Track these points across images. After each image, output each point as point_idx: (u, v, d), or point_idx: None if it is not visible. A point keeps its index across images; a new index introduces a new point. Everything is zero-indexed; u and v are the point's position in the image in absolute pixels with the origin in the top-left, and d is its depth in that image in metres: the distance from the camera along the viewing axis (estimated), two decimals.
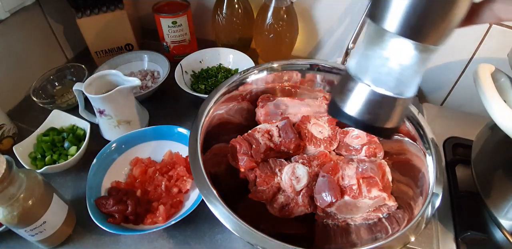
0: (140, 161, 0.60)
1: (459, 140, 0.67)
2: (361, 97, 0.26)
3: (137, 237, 0.54)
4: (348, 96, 0.27)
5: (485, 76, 0.48)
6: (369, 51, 0.25)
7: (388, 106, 0.26)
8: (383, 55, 0.24)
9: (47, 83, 0.75)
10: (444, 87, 0.82)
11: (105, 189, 0.57)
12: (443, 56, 0.76)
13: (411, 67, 0.25)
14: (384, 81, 0.25)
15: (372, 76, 0.26)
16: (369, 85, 0.26)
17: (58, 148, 0.62)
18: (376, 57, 0.25)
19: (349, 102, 0.27)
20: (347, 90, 0.27)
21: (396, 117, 0.27)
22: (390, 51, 0.24)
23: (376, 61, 0.25)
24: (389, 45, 0.24)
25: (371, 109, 0.26)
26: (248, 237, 0.39)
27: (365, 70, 0.26)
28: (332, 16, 0.78)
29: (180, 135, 0.62)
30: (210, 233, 0.55)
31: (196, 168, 0.45)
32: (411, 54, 0.24)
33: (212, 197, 0.42)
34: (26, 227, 0.46)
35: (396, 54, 0.24)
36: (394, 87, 0.25)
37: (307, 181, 0.49)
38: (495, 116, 0.44)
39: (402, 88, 0.26)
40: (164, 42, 0.81)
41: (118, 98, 0.60)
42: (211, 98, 0.53)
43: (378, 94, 0.26)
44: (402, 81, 0.25)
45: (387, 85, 0.25)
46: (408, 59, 0.24)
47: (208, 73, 0.76)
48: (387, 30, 0.23)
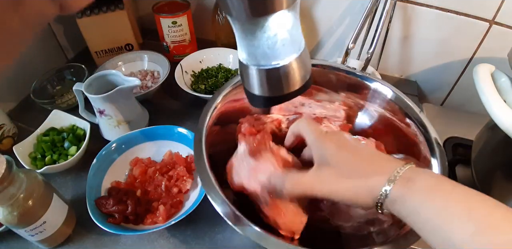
0: (140, 161, 0.60)
1: (459, 140, 0.67)
2: (263, 77, 0.29)
3: (137, 237, 0.54)
4: (252, 82, 0.30)
5: (485, 76, 0.48)
6: (254, 40, 0.27)
7: (284, 74, 0.29)
8: (268, 35, 0.26)
9: (47, 83, 0.75)
10: (444, 87, 0.82)
11: (105, 189, 0.57)
12: (443, 56, 0.76)
13: (292, 28, 0.27)
14: (271, 56, 0.28)
15: (261, 57, 0.28)
16: (262, 65, 0.28)
17: (58, 148, 0.62)
18: (263, 40, 0.27)
19: (257, 85, 0.30)
20: (250, 77, 0.30)
21: (298, 76, 0.30)
22: (272, 29, 0.26)
23: (263, 44, 0.27)
24: (268, 25, 0.26)
25: (274, 81, 0.29)
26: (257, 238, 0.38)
27: (254, 56, 0.28)
28: (332, 16, 0.78)
29: (180, 135, 0.62)
30: (210, 233, 0.55)
31: (202, 169, 0.44)
32: (290, 19, 0.26)
33: (218, 197, 0.41)
34: (26, 227, 0.46)
35: (277, 29, 0.26)
36: (279, 56, 0.28)
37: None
38: (495, 116, 0.44)
39: (289, 52, 0.28)
40: (164, 42, 0.81)
41: (118, 98, 0.60)
42: (222, 90, 0.53)
43: (273, 68, 0.29)
44: (288, 46, 0.28)
45: (276, 57, 0.28)
46: (289, 24, 0.26)
47: (208, 73, 0.76)
48: (258, 16, 0.25)
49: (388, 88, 0.55)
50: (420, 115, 0.51)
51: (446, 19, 0.69)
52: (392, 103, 0.55)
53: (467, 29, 0.69)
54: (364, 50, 0.73)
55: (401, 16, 0.72)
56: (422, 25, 0.73)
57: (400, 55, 0.80)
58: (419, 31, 0.74)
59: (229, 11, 0.25)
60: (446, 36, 0.72)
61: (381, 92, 0.55)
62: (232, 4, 0.24)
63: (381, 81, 0.56)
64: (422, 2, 0.69)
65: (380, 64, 0.83)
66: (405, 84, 0.83)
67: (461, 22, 0.68)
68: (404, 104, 0.53)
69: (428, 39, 0.74)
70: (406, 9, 0.71)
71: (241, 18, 0.25)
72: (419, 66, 0.81)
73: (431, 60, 0.78)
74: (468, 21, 0.68)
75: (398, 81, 0.84)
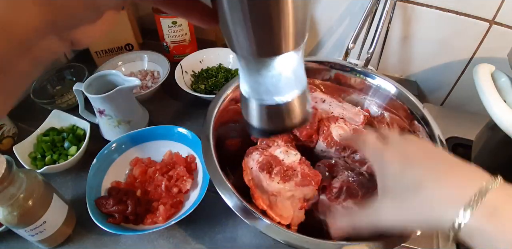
0: (140, 161, 0.60)
1: (459, 140, 0.67)
2: (264, 112, 0.30)
3: (137, 237, 0.54)
4: (253, 114, 0.31)
5: (485, 76, 0.48)
6: (258, 77, 0.27)
7: (286, 110, 0.29)
8: (272, 74, 0.27)
9: (47, 83, 0.75)
10: (444, 87, 0.82)
11: (105, 189, 0.57)
12: (443, 56, 0.76)
13: (297, 67, 0.27)
14: (274, 92, 0.28)
15: (264, 93, 0.29)
16: (264, 100, 0.29)
17: (58, 148, 0.62)
18: (267, 78, 0.27)
19: (257, 118, 0.31)
20: (250, 110, 0.30)
21: (299, 112, 0.30)
22: (277, 69, 0.26)
23: (267, 82, 0.27)
24: (274, 65, 0.26)
25: (274, 117, 0.30)
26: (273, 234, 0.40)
27: (256, 91, 0.29)
28: (332, 16, 0.78)
29: (180, 135, 0.62)
30: (210, 233, 0.55)
31: (211, 166, 0.45)
32: (295, 59, 0.26)
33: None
34: (26, 227, 0.46)
35: (282, 68, 0.26)
36: (282, 93, 0.28)
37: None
38: (495, 116, 0.44)
39: (292, 89, 0.28)
40: (164, 42, 0.81)
41: (118, 98, 0.60)
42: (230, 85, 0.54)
43: (275, 104, 0.29)
44: (291, 84, 0.28)
45: (278, 94, 0.28)
46: (294, 64, 0.26)
47: (208, 73, 0.76)
48: (265, 57, 0.25)
49: (391, 84, 0.57)
50: (424, 111, 0.52)
51: (446, 19, 0.69)
52: (395, 100, 0.57)
53: (467, 29, 0.69)
54: (364, 50, 0.73)
55: (401, 16, 0.72)
56: (422, 25, 0.73)
57: (400, 55, 0.80)
58: (419, 31, 0.74)
59: (235, 49, 0.24)
60: (446, 36, 0.72)
61: (385, 89, 0.58)
62: (239, 43, 0.24)
63: (384, 77, 0.58)
64: (422, 2, 0.69)
65: (380, 64, 0.83)
66: (405, 84, 0.82)
67: (461, 22, 0.68)
68: (407, 101, 0.55)
69: (428, 39, 0.74)
70: (406, 9, 0.71)
71: (247, 57, 0.25)
72: (419, 66, 0.81)
73: (431, 60, 0.78)
74: (468, 21, 0.68)
75: (398, 81, 0.82)
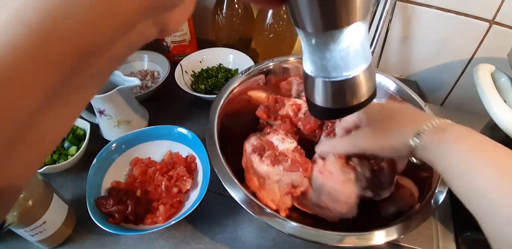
0: (140, 161, 0.60)
1: None
2: (333, 89, 0.29)
3: (137, 237, 0.54)
4: (319, 93, 0.30)
5: (485, 76, 0.48)
6: (326, 52, 0.27)
7: (355, 85, 0.29)
8: (341, 47, 0.26)
9: None
10: (444, 87, 0.82)
11: (105, 189, 0.57)
12: (443, 56, 0.76)
13: (364, 38, 0.27)
14: (343, 67, 0.28)
15: (332, 69, 0.28)
16: (332, 77, 0.28)
17: (58, 148, 0.62)
18: (336, 52, 0.27)
19: (324, 97, 0.30)
20: (316, 89, 0.30)
21: (367, 87, 0.30)
22: (346, 41, 0.26)
23: (336, 56, 0.27)
24: (343, 38, 0.25)
25: (343, 93, 0.29)
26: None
27: (324, 68, 0.28)
28: None
29: (180, 135, 0.62)
30: (210, 233, 0.55)
31: (217, 163, 0.47)
32: (363, 31, 0.26)
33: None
34: (26, 227, 0.46)
35: (351, 40, 0.26)
36: (350, 67, 0.28)
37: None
38: (495, 116, 0.44)
39: (359, 62, 0.28)
40: (164, 42, 0.81)
41: (118, 98, 0.60)
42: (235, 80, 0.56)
43: (339, 81, 0.29)
44: (359, 57, 0.28)
45: (347, 68, 0.28)
46: (361, 36, 0.26)
47: (208, 73, 0.76)
48: (334, 29, 0.25)
49: (392, 81, 0.58)
50: (425, 109, 0.53)
51: (446, 19, 0.69)
52: (396, 96, 0.57)
53: (467, 29, 0.69)
54: None
55: (401, 16, 0.72)
56: (422, 25, 0.73)
57: (400, 55, 0.80)
58: (419, 31, 0.74)
59: (304, 26, 0.24)
60: (446, 36, 0.72)
61: (384, 85, 0.58)
62: (308, 19, 0.24)
63: (385, 75, 0.59)
64: (422, 2, 0.69)
65: (380, 64, 0.83)
66: (405, 84, 0.83)
67: (461, 22, 0.68)
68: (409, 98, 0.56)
69: (428, 39, 0.74)
70: (406, 9, 0.71)
71: (317, 32, 0.25)
72: (419, 66, 0.81)
73: (431, 60, 0.78)
74: (468, 21, 0.68)
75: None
